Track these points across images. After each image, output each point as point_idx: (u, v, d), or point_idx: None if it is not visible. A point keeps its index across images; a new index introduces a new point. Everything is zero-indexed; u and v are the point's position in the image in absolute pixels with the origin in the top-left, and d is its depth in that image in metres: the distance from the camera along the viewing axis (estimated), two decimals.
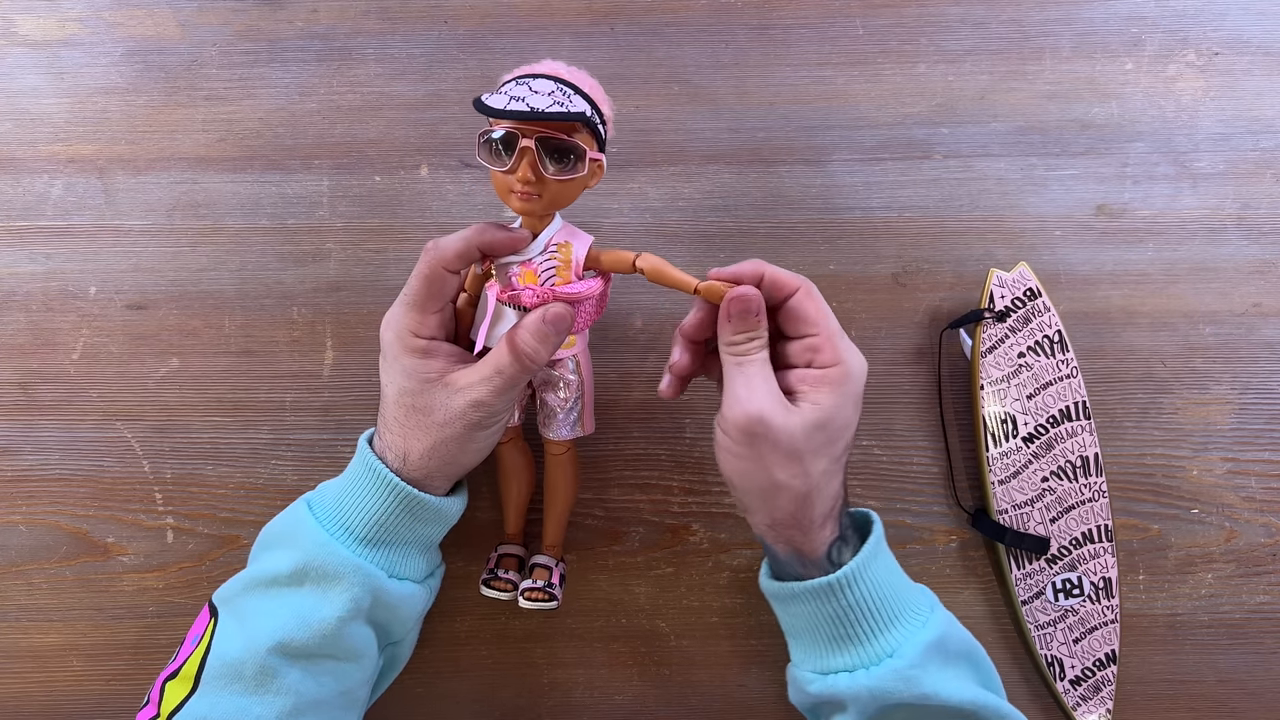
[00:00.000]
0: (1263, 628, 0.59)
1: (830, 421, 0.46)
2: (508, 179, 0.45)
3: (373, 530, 0.48)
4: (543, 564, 0.56)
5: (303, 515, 0.49)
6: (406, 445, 0.48)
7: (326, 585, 0.47)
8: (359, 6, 0.63)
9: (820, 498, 0.46)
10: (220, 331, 0.60)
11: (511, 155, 0.44)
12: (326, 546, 0.47)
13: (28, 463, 0.59)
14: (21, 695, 0.59)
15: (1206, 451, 0.60)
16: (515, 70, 0.47)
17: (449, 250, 0.47)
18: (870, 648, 0.46)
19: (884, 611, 0.47)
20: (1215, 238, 0.61)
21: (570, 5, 0.63)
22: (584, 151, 0.45)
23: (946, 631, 0.48)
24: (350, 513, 0.48)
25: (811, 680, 0.48)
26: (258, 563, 0.50)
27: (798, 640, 0.50)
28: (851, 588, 0.46)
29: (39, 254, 0.61)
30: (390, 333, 0.48)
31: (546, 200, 0.46)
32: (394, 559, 0.49)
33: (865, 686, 0.45)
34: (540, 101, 0.44)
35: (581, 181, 0.46)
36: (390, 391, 0.49)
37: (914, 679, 0.45)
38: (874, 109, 0.62)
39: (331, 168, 0.62)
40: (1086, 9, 0.63)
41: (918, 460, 0.60)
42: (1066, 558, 0.57)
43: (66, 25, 0.62)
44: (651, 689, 0.59)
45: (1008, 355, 0.58)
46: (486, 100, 0.44)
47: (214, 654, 0.46)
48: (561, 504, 0.56)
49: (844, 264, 0.61)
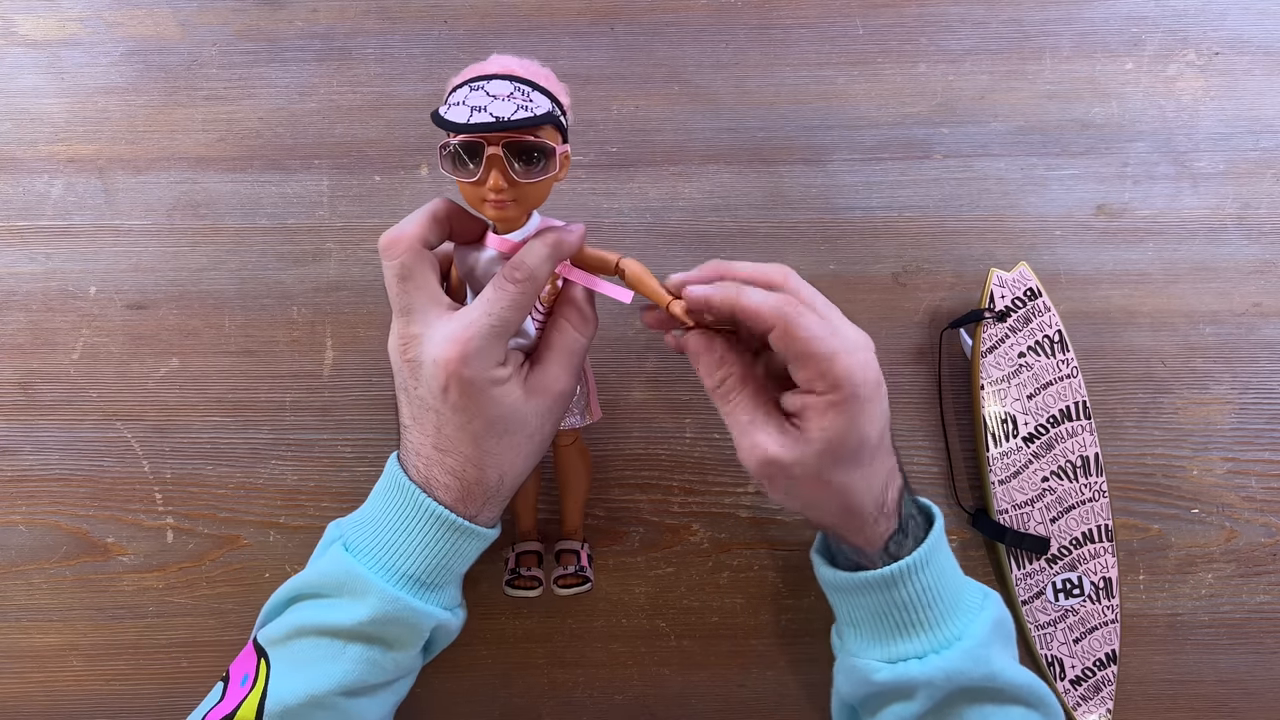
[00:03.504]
0: (1263, 628, 0.59)
1: (843, 441, 0.43)
2: (479, 190, 0.43)
3: (434, 575, 0.47)
4: (569, 549, 0.55)
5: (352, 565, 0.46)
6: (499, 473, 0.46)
7: (400, 635, 0.46)
8: (359, 6, 0.63)
9: (864, 501, 0.46)
10: (220, 331, 0.60)
11: (478, 164, 0.42)
12: (397, 601, 0.45)
13: (28, 463, 0.59)
14: (21, 695, 0.59)
15: (1207, 451, 0.60)
16: (464, 73, 0.45)
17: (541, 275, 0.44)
18: (941, 632, 0.47)
19: (948, 597, 0.47)
20: (1215, 238, 0.61)
21: (570, 5, 0.63)
22: (553, 149, 0.43)
23: (1002, 612, 0.49)
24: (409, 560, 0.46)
25: (878, 669, 0.47)
26: (309, 609, 0.48)
27: (859, 630, 0.49)
28: (917, 576, 0.46)
29: (39, 254, 0.61)
30: (472, 371, 0.43)
31: (522, 204, 0.44)
32: (449, 595, 0.49)
33: (941, 669, 0.45)
34: (503, 109, 0.42)
35: (552, 178, 0.45)
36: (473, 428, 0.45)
37: (983, 658, 0.46)
38: (874, 109, 0.62)
39: (331, 168, 0.61)
40: (1086, 9, 0.63)
41: (918, 460, 0.60)
42: (1067, 558, 0.57)
43: (66, 25, 0.62)
44: (651, 689, 0.59)
45: (1008, 355, 0.58)
46: (445, 115, 0.42)
47: (271, 698, 0.45)
48: (579, 491, 0.55)
49: (844, 264, 0.61)
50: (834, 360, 0.43)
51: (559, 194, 0.61)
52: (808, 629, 0.58)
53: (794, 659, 0.58)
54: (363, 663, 0.46)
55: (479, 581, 0.58)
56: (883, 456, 0.46)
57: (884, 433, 0.46)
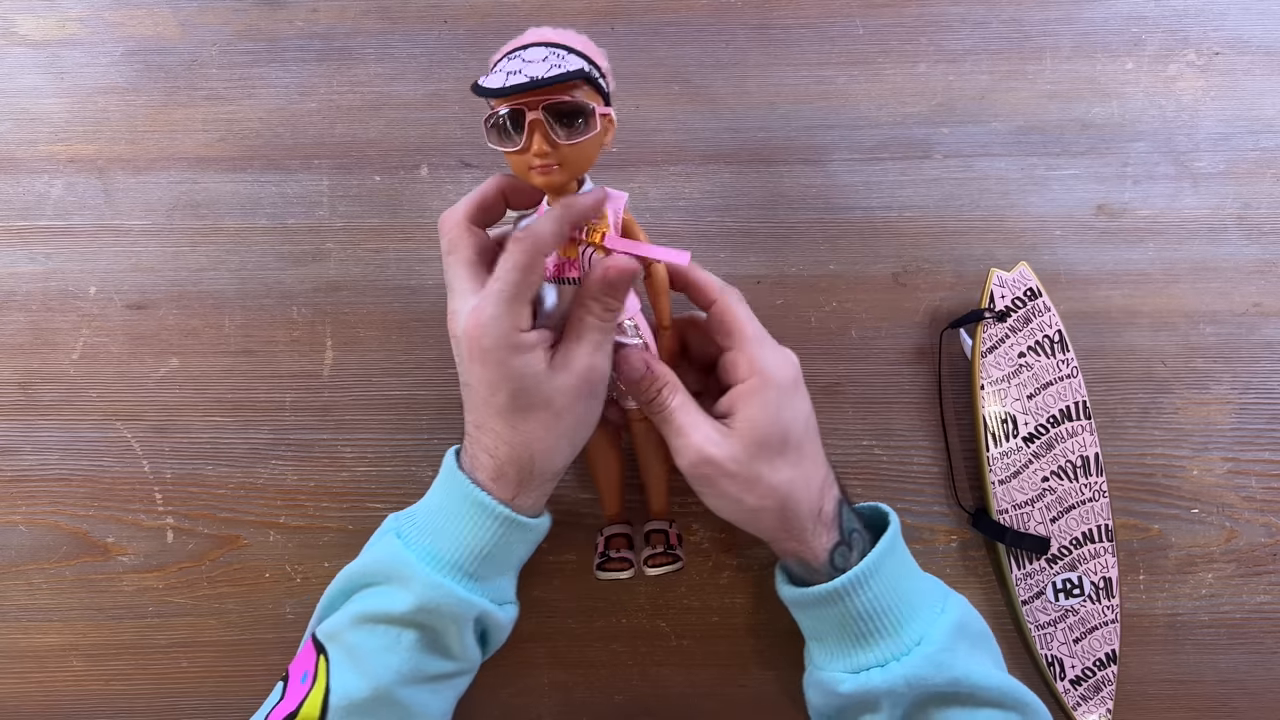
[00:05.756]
0: (1263, 628, 0.59)
1: (766, 432, 0.46)
2: (524, 158, 0.44)
3: (479, 564, 0.47)
4: (658, 529, 0.55)
5: (402, 553, 0.47)
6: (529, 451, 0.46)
7: (442, 626, 0.46)
8: (359, 6, 0.63)
9: (799, 506, 0.47)
10: (220, 331, 0.60)
11: (521, 133, 0.43)
12: (440, 588, 0.46)
13: (28, 463, 0.59)
14: (21, 695, 0.59)
15: (1207, 451, 0.60)
16: (502, 49, 0.46)
17: (544, 233, 0.44)
18: (898, 639, 0.47)
19: (903, 605, 0.47)
20: (1215, 238, 0.61)
21: (570, 5, 0.63)
22: (592, 109, 0.43)
23: (965, 614, 0.49)
24: (456, 548, 0.47)
25: (843, 680, 0.48)
26: (363, 598, 0.48)
27: (822, 643, 0.50)
28: (863, 589, 0.47)
29: (39, 254, 0.61)
30: (489, 339, 0.44)
31: (567, 169, 0.45)
32: (498, 587, 0.49)
33: (901, 676, 0.46)
34: (537, 69, 0.43)
35: (597, 140, 0.45)
36: (499, 401, 0.45)
37: (946, 663, 0.46)
38: (874, 109, 0.62)
39: (331, 168, 0.61)
40: (1087, 9, 0.63)
41: (918, 460, 0.60)
42: (1067, 558, 0.57)
43: (66, 25, 0.62)
44: (651, 689, 0.59)
45: (1008, 355, 0.58)
46: (483, 83, 0.43)
47: (336, 694, 0.45)
48: (660, 469, 0.55)
49: (844, 264, 0.61)
50: (761, 344, 0.48)
51: None
52: None
53: (794, 659, 0.58)
54: (419, 650, 0.46)
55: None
56: (813, 460, 0.48)
57: (810, 434, 0.49)
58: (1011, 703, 0.47)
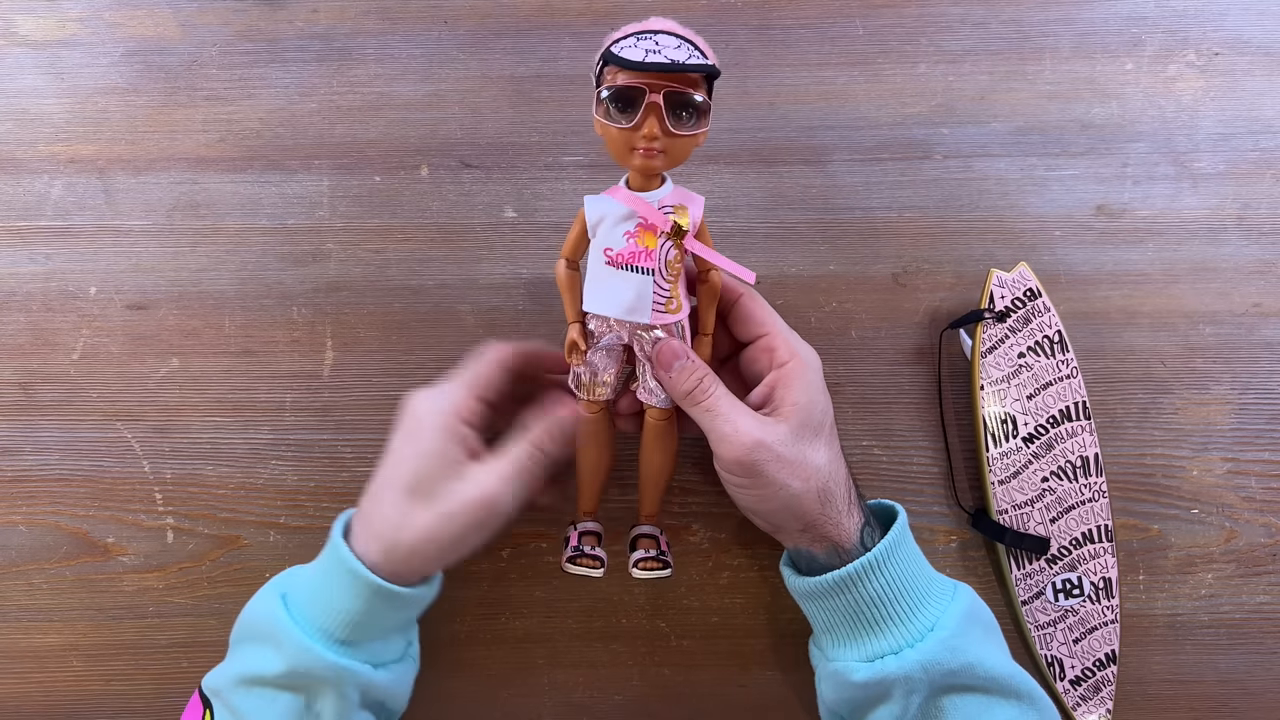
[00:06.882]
0: (1263, 628, 0.59)
1: (809, 413, 0.48)
2: (630, 136, 0.44)
3: (351, 631, 0.47)
4: (647, 534, 0.54)
5: (278, 614, 0.47)
6: (398, 534, 0.46)
7: (315, 690, 0.46)
8: (359, 6, 0.63)
9: (836, 486, 0.48)
10: (220, 331, 0.60)
11: (634, 112, 0.43)
12: (309, 652, 0.45)
13: (28, 463, 0.59)
14: (21, 695, 0.59)
15: (1206, 451, 0.60)
16: (624, 29, 0.45)
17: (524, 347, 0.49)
18: (913, 624, 0.47)
19: (916, 591, 0.48)
20: (1215, 238, 0.61)
21: (570, 5, 0.63)
22: (708, 107, 0.44)
23: (975, 602, 0.50)
24: (327, 613, 0.47)
25: (857, 669, 0.47)
26: (242, 656, 0.49)
27: (834, 634, 0.50)
28: (877, 574, 0.47)
29: (39, 254, 0.61)
30: (429, 409, 0.47)
31: (669, 157, 0.45)
32: (375, 651, 0.48)
33: (916, 662, 0.46)
34: (677, 54, 0.43)
35: (700, 138, 0.45)
36: (400, 472, 0.47)
37: (959, 647, 0.46)
38: (874, 109, 0.62)
39: (331, 168, 0.61)
40: (1086, 9, 0.63)
41: (918, 460, 0.60)
42: (1066, 558, 0.57)
43: (66, 25, 0.62)
44: (651, 689, 0.59)
45: (1008, 355, 0.58)
46: (622, 53, 0.42)
47: None
48: (663, 474, 0.53)
49: (844, 264, 0.61)
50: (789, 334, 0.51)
51: (561, 195, 0.61)
52: (808, 629, 0.58)
53: (794, 659, 0.58)
54: (294, 713, 0.46)
55: (480, 581, 0.58)
56: (839, 451, 0.50)
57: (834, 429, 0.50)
58: (1022, 693, 0.47)
